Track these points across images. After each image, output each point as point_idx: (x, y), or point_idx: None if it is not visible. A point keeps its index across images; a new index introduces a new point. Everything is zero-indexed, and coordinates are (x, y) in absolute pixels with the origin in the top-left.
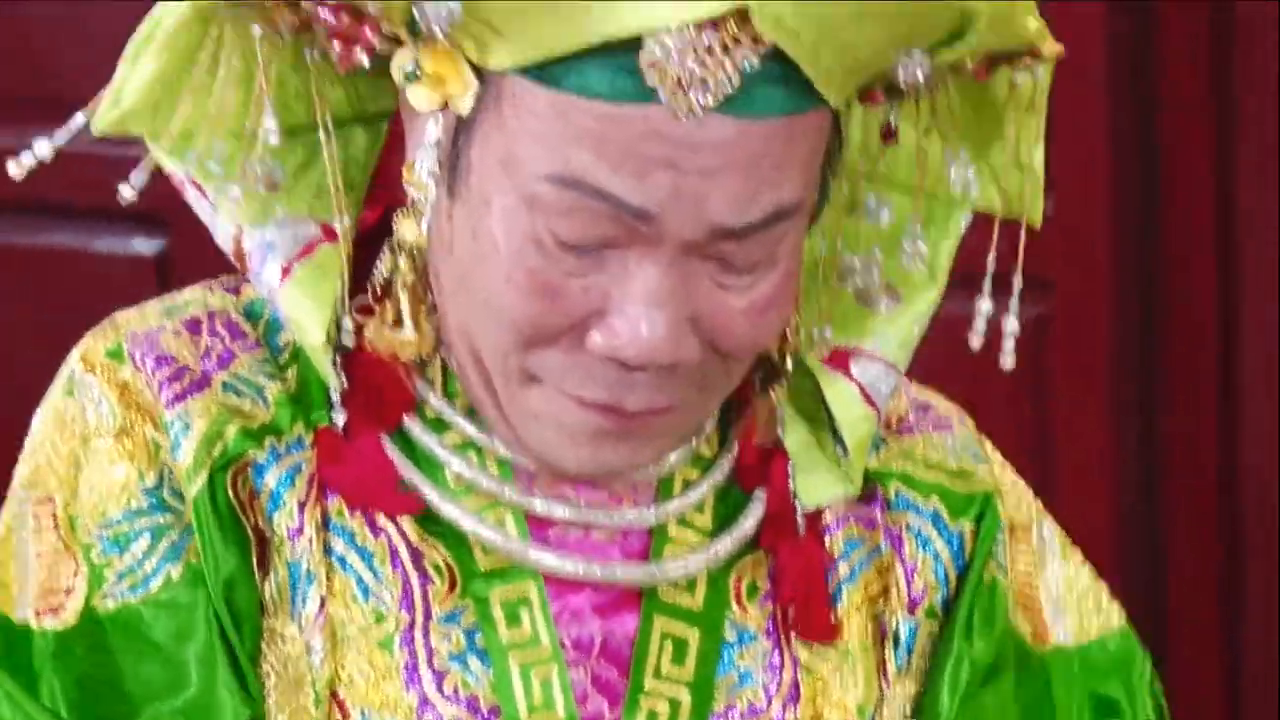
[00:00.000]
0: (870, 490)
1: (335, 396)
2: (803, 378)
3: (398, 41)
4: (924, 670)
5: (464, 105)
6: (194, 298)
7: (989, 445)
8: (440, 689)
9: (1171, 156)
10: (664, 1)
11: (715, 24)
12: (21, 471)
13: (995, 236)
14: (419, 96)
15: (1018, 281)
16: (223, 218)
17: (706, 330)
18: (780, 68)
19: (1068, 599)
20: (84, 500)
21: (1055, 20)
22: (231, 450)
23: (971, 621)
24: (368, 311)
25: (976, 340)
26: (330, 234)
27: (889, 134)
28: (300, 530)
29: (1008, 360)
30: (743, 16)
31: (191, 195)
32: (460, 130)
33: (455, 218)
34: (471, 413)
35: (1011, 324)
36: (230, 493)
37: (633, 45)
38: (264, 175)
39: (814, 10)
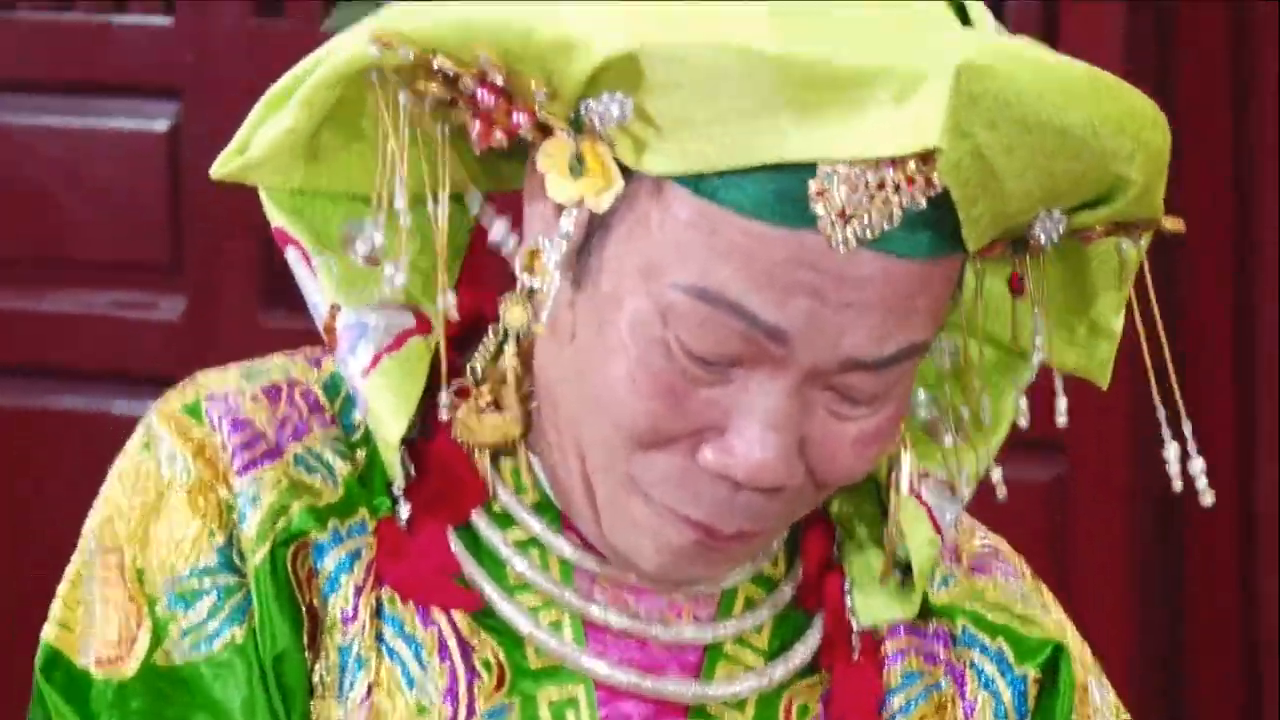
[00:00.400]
0: (937, 625)
1: (398, 491)
2: (863, 500)
3: (547, 130)
4: None
5: (603, 203)
6: (276, 364)
7: (1049, 596)
8: None
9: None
10: (846, 132)
11: (895, 161)
12: (93, 521)
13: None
14: (561, 188)
15: (1187, 426)
16: (321, 289)
17: (812, 457)
18: (933, 210)
19: None
20: (153, 553)
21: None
22: (295, 528)
23: None
24: (463, 394)
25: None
26: (423, 326)
27: (1018, 288)
28: (354, 615)
29: (1206, 498)
30: (924, 157)
31: (292, 256)
32: (595, 226)
33: (579, 309)
34: (539, 509)
35: (1198, 463)
36: (289, 569)
37: (798, 169)
38: (368, 252)
39: (990, 158)
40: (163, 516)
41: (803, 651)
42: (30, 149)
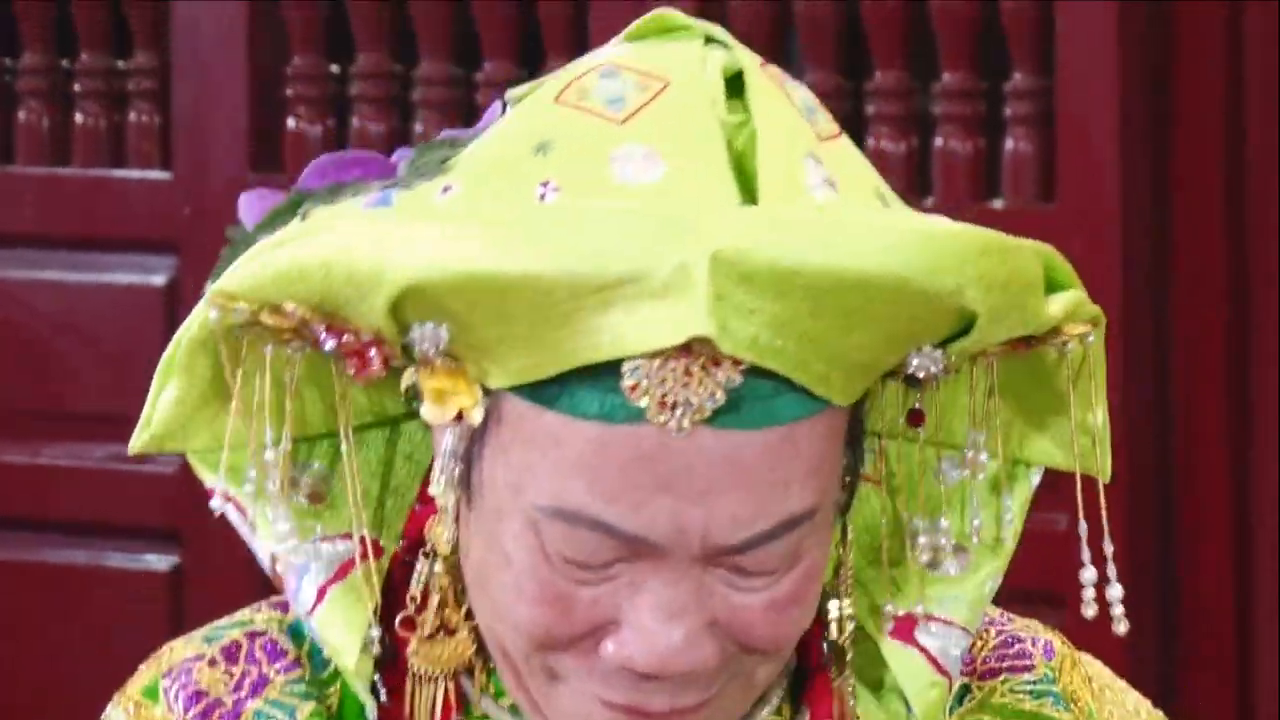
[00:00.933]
0: None
1: (372, 716)
2: (871, 644)
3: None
4: None
5: (475, 417)
6: (240, 619)
7: (1100, 666)
8: None
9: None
10: (631, 329)
11: (688, 350)
12: None
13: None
14: (429, 411)
15: (1109, 547)
16: (260, 538)
17: (728, 632)
18: (776, 377)
19: None
20: None
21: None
22: None
23: None
24: (410, 626)
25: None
26: (374, 551)
27: (916, 419)
28: None
29: (1121, 626)
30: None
31: (233, 515)
32: (474, 442)
33: (472, 525)
34: (516, 710)
35: (1116, 590)
36: None
37: (613, 367)
38: (310, 487)
39: (797, 326)
40: None
41: None
42: (28, 302)
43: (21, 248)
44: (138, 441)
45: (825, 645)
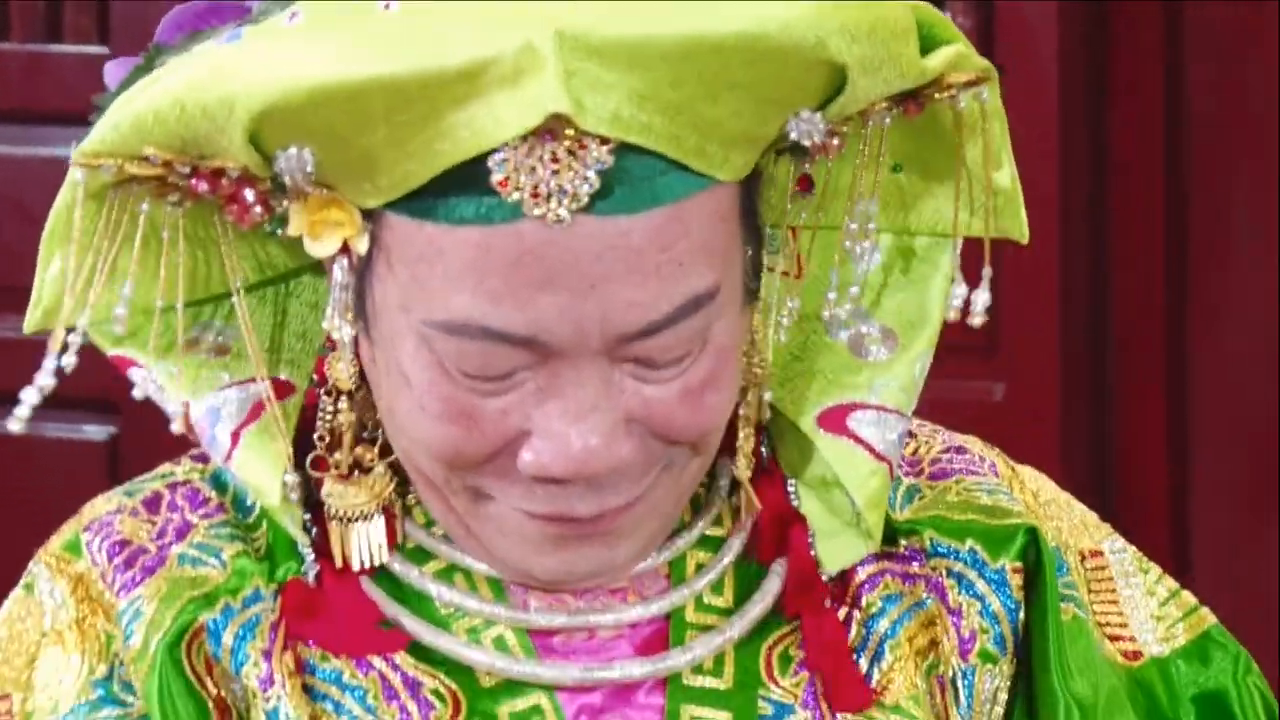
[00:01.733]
0: (907, 544)
1: (305, 551)
2: (809, 443)
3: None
4: (996, 715)
5: (361, 246)
6: (160, 473)
7: (1045, 480)
8: None
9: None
10: (491, 118)
11: (551, 133)
12: None
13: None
14: (311, 245)
15: (988, 270)
16: (169, 393)
17: (647, 426)
18: (652, 155)
19: (1154, 610)
20: (39, 696)
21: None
22: (182, 622)
23: (1065, 664)
24: (322, 466)
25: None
26: (282, 391)
27: (804, 184)
28: (270, 679)
29: (976, 319)
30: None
31: (137, 376)
32: (363, 270)
33: (375, 357)
34: (450, 539)
35: (983, 297)
36: (188, 664)
37: (482, 163)
38: (213, 344)
39: (659, 98)
40: (45, 659)
41: (761, 603)
42: None
43: None
44: (30, 320)
45: (763, 452)
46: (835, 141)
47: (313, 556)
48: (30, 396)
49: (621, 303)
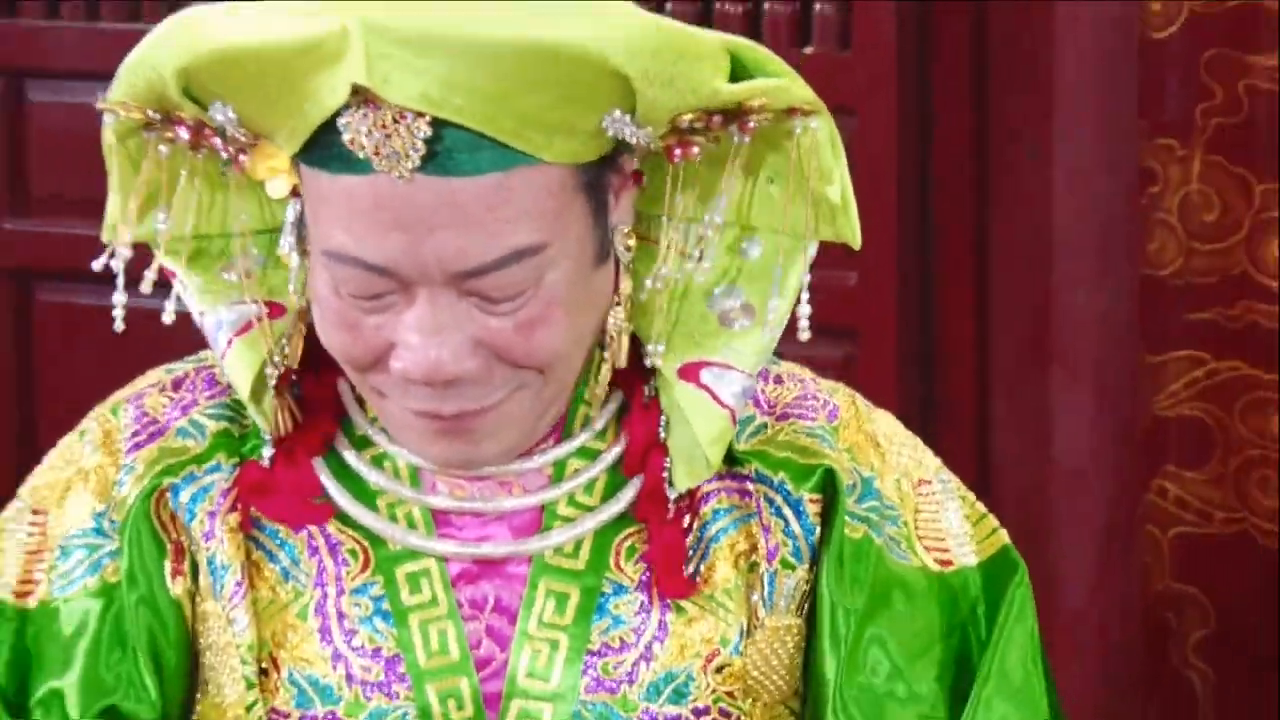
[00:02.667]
0: (745, 467)
1: (266, 436)
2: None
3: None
4: (796, 609)
5: (287, 188)
6: (199, 356)
7: (896, 424)
8: (350, 644)
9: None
10: (326, 89)
11: (375, 104)
12: (33, 483)
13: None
14: (269, 186)
15: (807, 277)
16: (194, 301)
17: (492, 350)
18: (473, 132)
19: (967, 529)
20: (63, 517)
21: (864, 20)
22: (153, 482)
23: (842, 575)
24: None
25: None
26: (276, 312)
27: (636, 178)
28: (211, 534)
29: (803, 335)
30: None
31: (177, 284)
32: (304, 210)
33: (309, 279)
34: (386, 430)
35: (804, 308)
36: (154, 515)
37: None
38: (247, 268)
39: (472, 85)
40: (73, 491)
41: (616, 506)
42: None
43: None
44: (104, 231)
45: (646, 389)
46: (695, 150)
47: (269, 439)
48: (146, 286)
49: (453, 248)
